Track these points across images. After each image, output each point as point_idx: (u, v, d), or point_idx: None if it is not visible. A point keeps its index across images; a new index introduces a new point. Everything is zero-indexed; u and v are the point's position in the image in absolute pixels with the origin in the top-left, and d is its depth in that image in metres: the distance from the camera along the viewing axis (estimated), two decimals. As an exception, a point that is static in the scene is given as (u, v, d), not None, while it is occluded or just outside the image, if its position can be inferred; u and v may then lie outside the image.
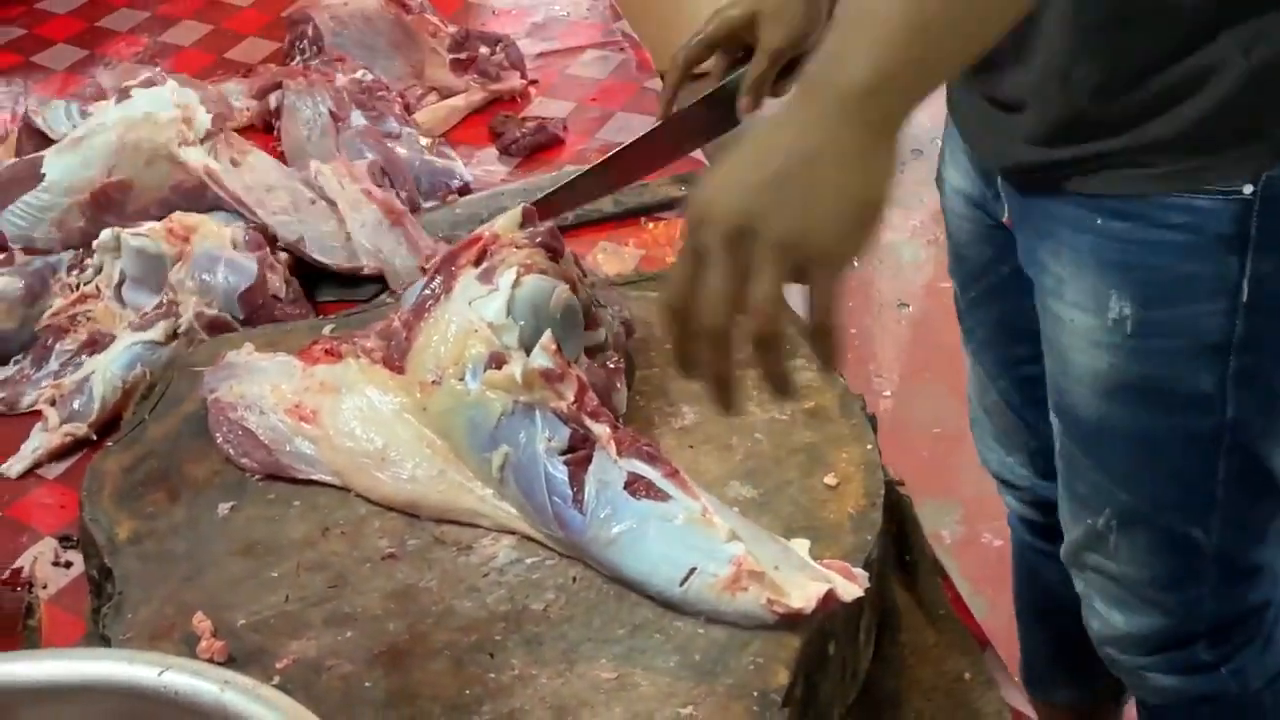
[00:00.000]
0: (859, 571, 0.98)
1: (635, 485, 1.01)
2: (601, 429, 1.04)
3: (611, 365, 1.16)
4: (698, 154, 1.58)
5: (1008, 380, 1.66)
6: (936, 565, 1.20)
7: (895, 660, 1.08)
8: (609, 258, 1.56)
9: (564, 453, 1.04)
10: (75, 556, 1.25)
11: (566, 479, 1.02)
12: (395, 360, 1.15)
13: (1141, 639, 1.49)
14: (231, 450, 1.15)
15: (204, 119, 1.58)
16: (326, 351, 1.20)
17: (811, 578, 0.96)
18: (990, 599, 2.47)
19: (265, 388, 1.17)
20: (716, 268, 0.91)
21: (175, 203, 1.54)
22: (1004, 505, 1.89)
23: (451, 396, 1.08)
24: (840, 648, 1.02)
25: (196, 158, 1.54)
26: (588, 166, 1.46)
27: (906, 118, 0.95)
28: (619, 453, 1.03)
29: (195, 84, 1.69)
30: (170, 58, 2.04)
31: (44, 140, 1.65)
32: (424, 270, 1.49)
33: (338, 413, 1.14)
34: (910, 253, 3.41)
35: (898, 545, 1.19)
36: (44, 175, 1.53)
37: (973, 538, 2.63)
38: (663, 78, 1.49)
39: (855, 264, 0.95)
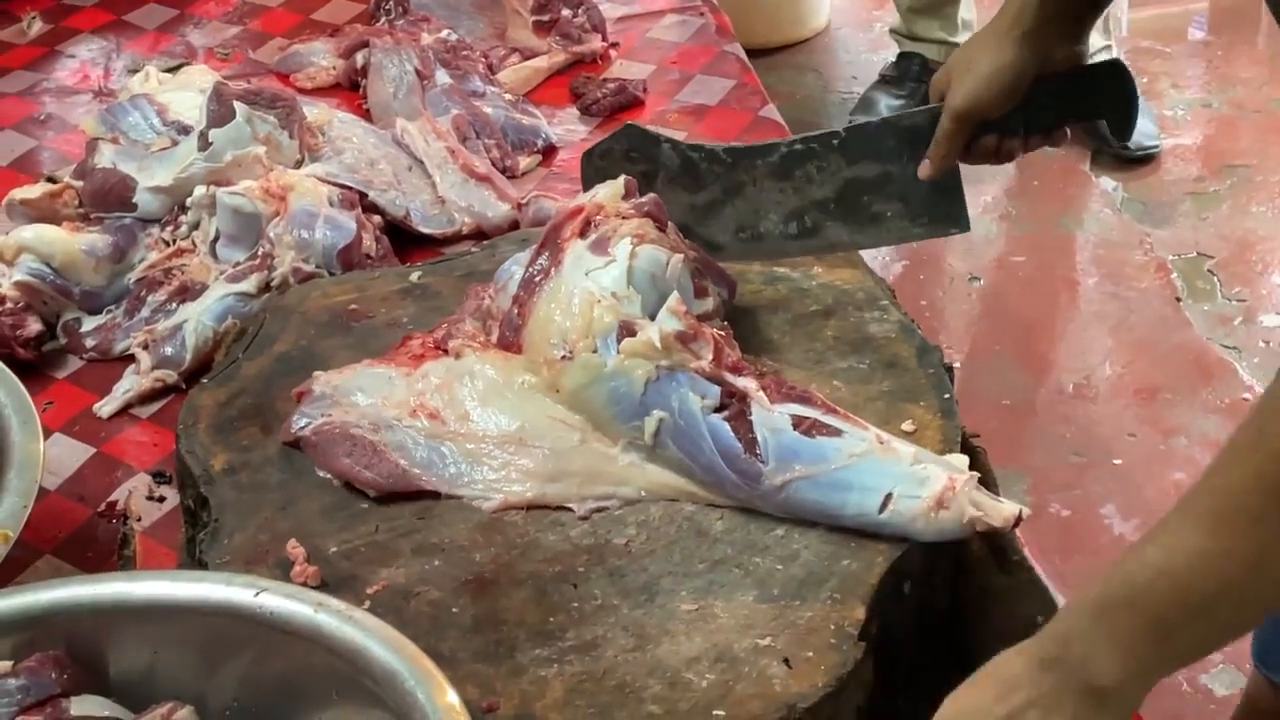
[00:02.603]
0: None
1: (804, 426, 1.04)
2: (748, 381, 1.07)
3: (723, 332, 1.16)
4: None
5: None
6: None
7: (969, 603, 1.10)
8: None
9: (716, 410, 1.06)
10: (168, 491, 1.29)
11: (733, 434, 1.04)
12: (510, 340, 1.16)
13: None
14: (362, 470, 1.10)
15: (289, 144, 1.57)
16: (434, 347, 1.19)
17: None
18: (1057, 568, 2.48)
19: (376, 401, 1.15)
20: None
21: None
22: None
23: (587, 369, 1.09)
24: (916, 588, 1.04)
25: (294, 179, 1.51)
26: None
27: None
28: (771, 401, 1.05)
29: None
30: (258, 18, 2.08)
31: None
32: (519, 210, 1.52)
33: (463, 406, 1.13)
34: (982, 228, 3.40)
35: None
36: (136, 205, 1.54)
37: (1040, 508, 2.64)
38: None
39: None
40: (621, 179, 1.21)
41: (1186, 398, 2.88)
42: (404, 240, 1.55)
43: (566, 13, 1.93)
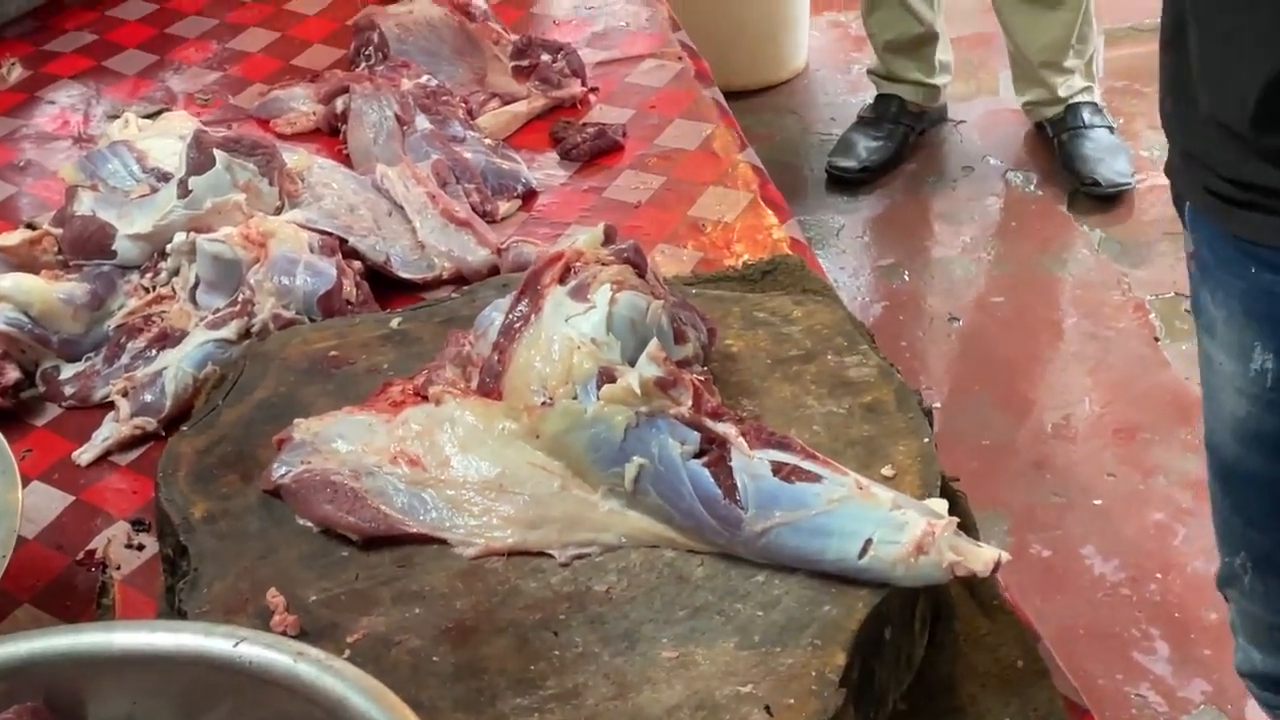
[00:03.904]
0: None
1: (783, 472, 1.04)
2: (728, 427, 1.07)
3: (702, 377, 1.16)
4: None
5: None
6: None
7: (949, 648, 1.10)
8: (667, 260, 1.58)
9: (696, 456, 1.06)
10: (147, 539, 1.28)
11: (712, 480, 1.04)
12: (490, 386, 1.16)
13: (1275, 679, 1.49)
14: (344, 515, 1.10)
15: (269, 191, 1.57)
16: (414, 394, 1.19)
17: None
18: (1039, 609, 2.48)
19: (356, 448, 1.15)
20: None
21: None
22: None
23: (567, 416, 1.09)
24: (896, 633, 1.04)
25: (274, 225, 1.51)
26: None
27: None
28: (751, 446, 1.05)
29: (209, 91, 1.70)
30: (238, 64, 2.08)
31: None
32: (499, 255, 1.52)
33: (444, 452, 1.13)
34: (961, 268, 3.43)
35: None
36: (115, 252, 1.54)
37: (1021, 548, 2.65)
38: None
39: None
40: (601, 225, 1.22)
41: (1165, 437, 2.90)
42: (384, 286, 1.55)
43: (546, 58, 1.94)
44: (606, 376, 1.09)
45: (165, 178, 1.58)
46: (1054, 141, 3.67)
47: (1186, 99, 1.34)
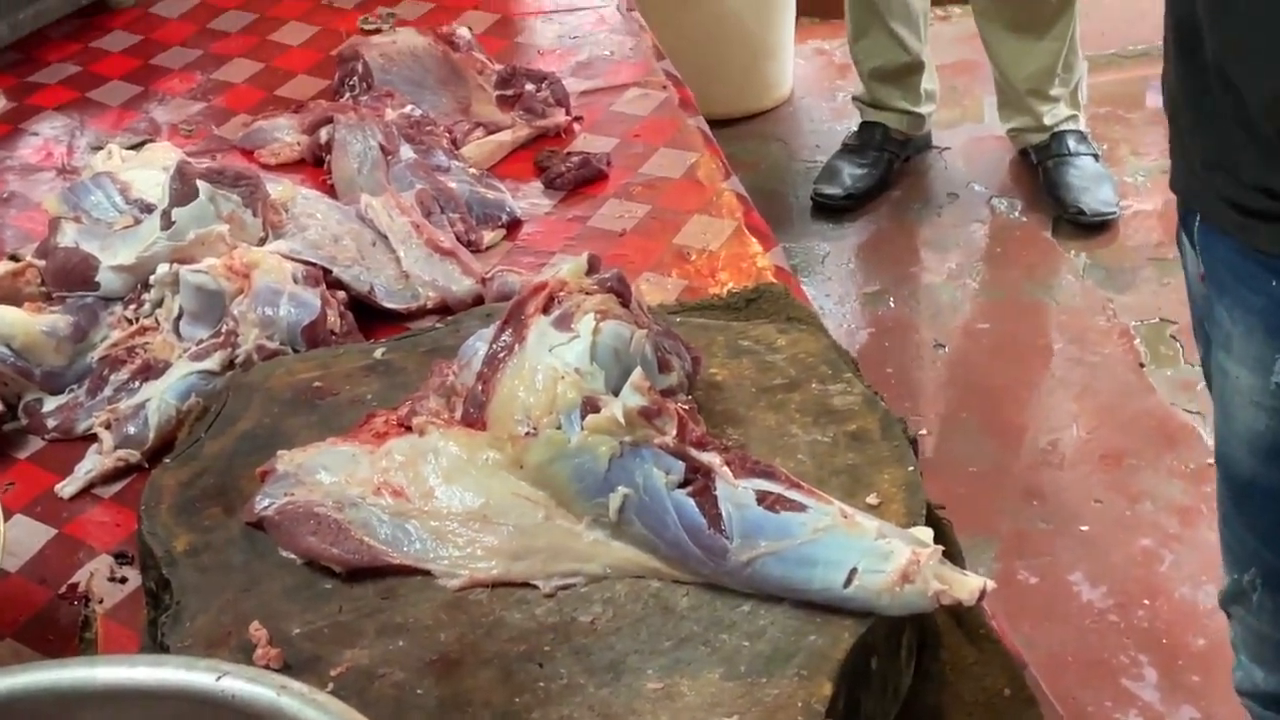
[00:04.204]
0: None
1: (768, 501, 1.04)
2: (713, 456, 1.07)
3: (687, 406, 1.16)
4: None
5: None
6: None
7: (936, 676, 1.10)
8: (652, 288, 1.58)
9: (680, 485, 1.05)
10: (130, 572, 1.28)
11: (697, 510, 1.04)
12: (474, 416, 1.15)
13: (1278, 699, 1.48)
14: (327, 547, 1.10)
15: (253, 222, 1.57)
16: (398, 424, 1.19)
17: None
18: (1027, 636, 2.48)
19: (340, 479, 1.15)
20: None
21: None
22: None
23: (551, 446, 1.08)
24: (882, 662, 1.03)
25: (258, 256, 1.51)
26: None
27: None
28: (736, 476, 1.05)
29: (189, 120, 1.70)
30: (222, 94, 2.08)
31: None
32: (483, 284, 1.52)
33: (428, 483, 1.13)
34: (947, 294, 3.44)
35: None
36: (99, 284, 1.53)
37: (1009, 575, 2.65)
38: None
39: None
40: (585, 255, 1.22)
41: (1151, 463, 2.90)
42: (368, 316, 1.55)
43: (530, 87, 1.94)
44: (590, 406, 1.09)
45: (149, 209, 1.58)
46: (1038, 169, 3.68)
47: (1202, 106, 1.33)
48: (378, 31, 2.15)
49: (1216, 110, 1.30)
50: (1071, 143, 3.62)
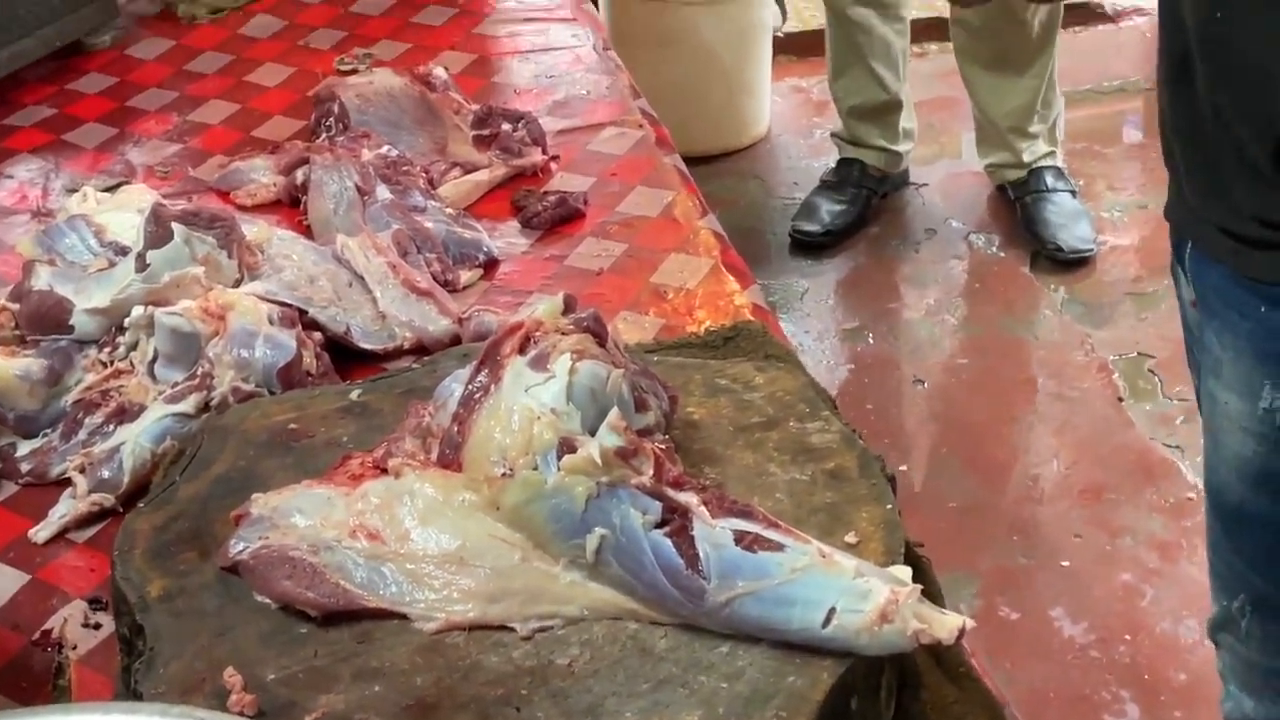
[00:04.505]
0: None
1: (746, 541, 1.03)
2: (690, 496, 1.06)
3: (664, 446, 1.15)
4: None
5: None
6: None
7: (916, 716, 1.09)
8: (629, 327, 1.58)
9: (658, 526, 1.05)
10: (104, 618, 1.26)
11: (674, 550, 1.03)
12: (450, 458, 1.15)
13: None
14: (303, 591, 1.09)
15: (228, 264, 1.57)
16: (373, 466, 1.18)
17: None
18: (1008, 672, 2.48)
19: (315, 522, 1.14)
20: None
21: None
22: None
23: (527, 487, 1.08)
24: (862, 702, 1.03)
25: (233, 298, 1.50)
26: None
27: None
28: (713, 516, 1.05)
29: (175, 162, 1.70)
30: (198, 136, 2.08)
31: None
32: (460, 324, 1.52)
33: (403, 525, 1.12)
34: (926, 330, 3.44)
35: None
36: (73, 327, 1.53)
37: (990, 611, 2.64)
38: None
39: None
40: (561, 295, 1.21)
41: (1131, 498, 2.90)
42: (345, 357, 1.54)
43: (507, 127, 1.94)
44: (567, 447, 1.08)
45: (123, 251, 1.58)
46: (1016, 205, 3.69)
47: (1196, 136, 1.33)
48: (354, 72, 2.15)
49: (1210, 140, 1.30)
50: (1049, 179, 3.64)
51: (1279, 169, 1.23)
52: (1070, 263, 3.55)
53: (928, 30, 4.34)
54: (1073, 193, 3.66)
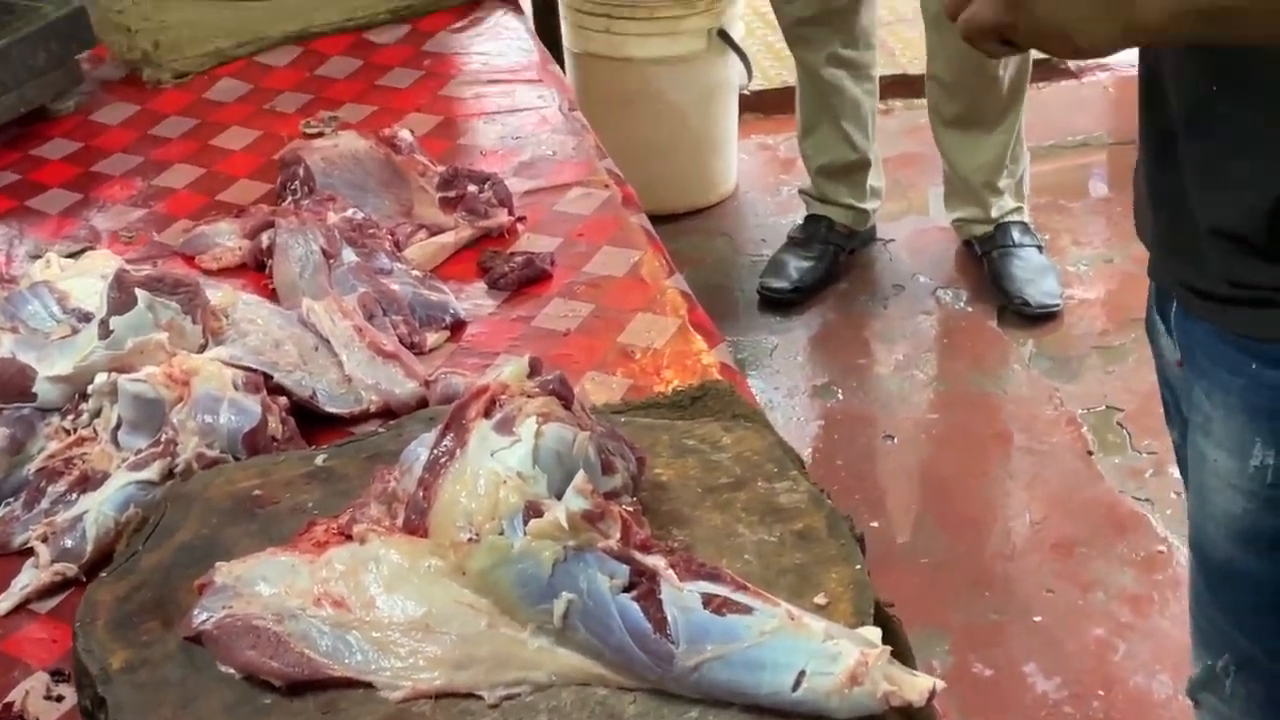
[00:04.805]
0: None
1: (714, 604, 1.03)
2: (657, 559, 1.06)
3: (631, 508, 1.15)
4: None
5: None
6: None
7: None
8: (596, 387, 1.58)
9: (625, 590, 1.04)
10: (67, 690, 1.24)
11: (642, 614, 1.03)
12: (415, 523, 1.14)
13: None
14: (267, 660, 1.08)
15: (193, 329, 1.56)
16: (339, 533, 1.18)
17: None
18: (983, 729, 2.46)
19: (279, 590, 1.13)
20: None
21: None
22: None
23: (494, 552, 1.07)
24: (835, 768, 1.02)
25: (198, 363, 1.49)
26: None
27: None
28: (681, 579, 1.04)
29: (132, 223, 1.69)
30: (163, 200, 2.07)
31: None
32: (427, 387, 1.51)
33: (369, 592, 1.11)
34: (896, 386, 3.44)
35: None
36: (36, 395, 1.52)
37: (963, 668, 2.63)
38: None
39: None
40: (526, 357, 1.21)
41: (1103, 552, 2.90)
42: (311, 421, 1.53)
43: (473, 188, 1.94)
44: (533, 511, 1.08)
45: (87, 318, 1.57)
46: (983, 260, 3.71)
47: (1173, 202, 1.34)
48: (320, 135, 2.15)
49: (1192, 208, 1.31)
50: (1015, 234, 3.66)
51: (1271, 238, 1.24)
52: (1037, 317, 3.56)
53: (893, 87, 4.37)
54: (1039, 248, 3.68)
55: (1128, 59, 1.44)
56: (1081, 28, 1.10)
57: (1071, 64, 4.62)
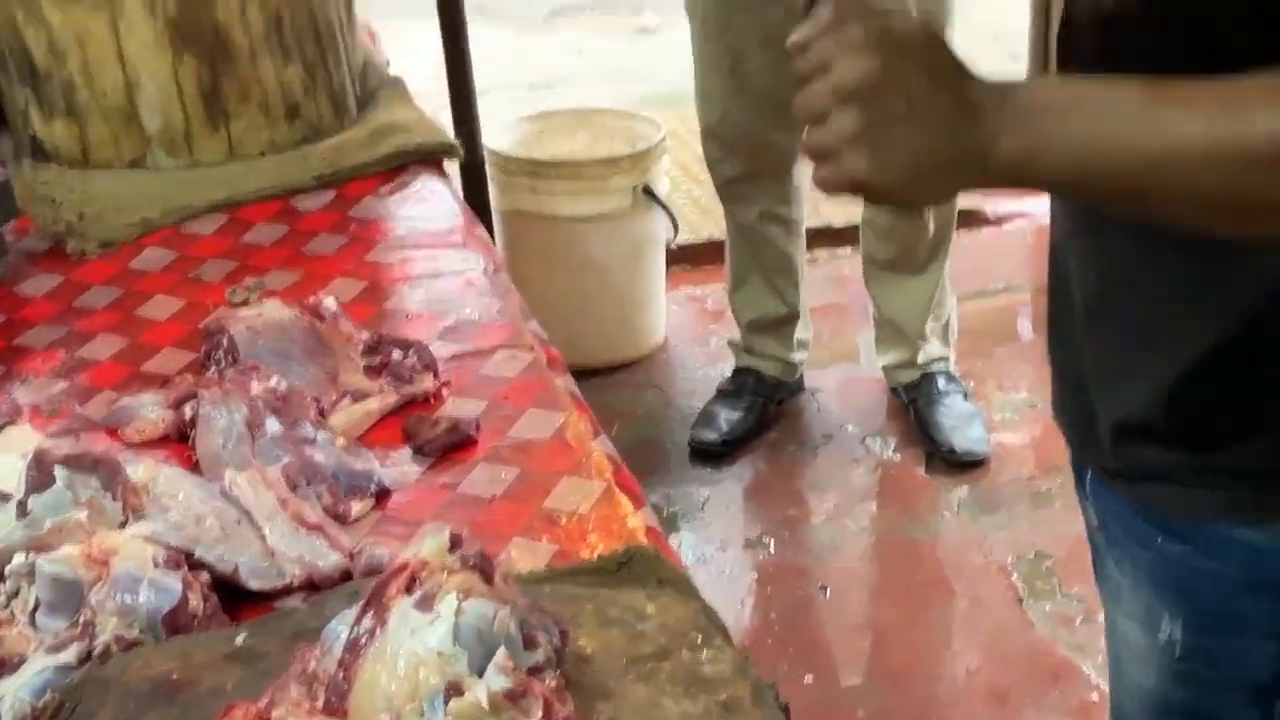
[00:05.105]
0: None
1: None
2: None
3: (554, 684, 1.14)
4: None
5: None
6: None
7: None
8: (522, 554, 1.57)
9: None
10: None
11: None
12: (335, 705, 1.13)
13: None
14: None
15: (113, 506, 1.55)
16: (257, 717, 1.16)
17: None
18: None
19: None
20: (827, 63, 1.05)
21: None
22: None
23: None
24: None
25: (117, 541, 1.47)
26: None
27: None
28: None
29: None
30: (86, 372, 2.06)
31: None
32: (351, 558, 1.51)
33: None
34: (828, 536, 3.45)
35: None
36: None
37: (901, 825, 2.62)
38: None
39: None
40: (446, 532, 1.21)
41: (1036, 700, 2.91)
42: (234, 596, 1.52)
43: (397, 354, 1.95)
44: (454, 690, 1.07)
45: (4, 498, 1.55)
46: (909, 408, 3.75)
47: (1083, 398, 1.35)
48: (245, 303, 2.15)
49: (1089, 393, 1.33)
50: (941, 382, 3.71)
51: (1168, 424, 1.25)
52: (965, 465, 3.60)
53: (818, 238, 4.44)
54: (964, 395, 3.73)
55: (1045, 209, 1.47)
56: (928, 192, 1.10)
57: (989, 213, 4.72)
